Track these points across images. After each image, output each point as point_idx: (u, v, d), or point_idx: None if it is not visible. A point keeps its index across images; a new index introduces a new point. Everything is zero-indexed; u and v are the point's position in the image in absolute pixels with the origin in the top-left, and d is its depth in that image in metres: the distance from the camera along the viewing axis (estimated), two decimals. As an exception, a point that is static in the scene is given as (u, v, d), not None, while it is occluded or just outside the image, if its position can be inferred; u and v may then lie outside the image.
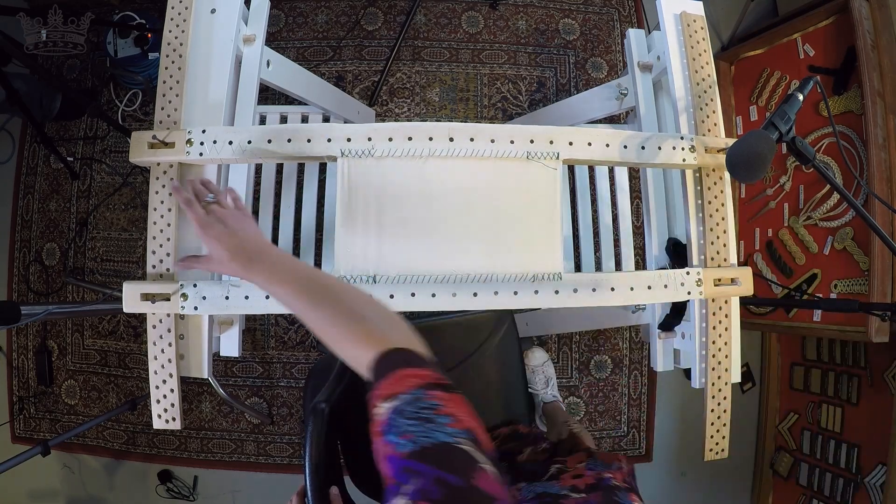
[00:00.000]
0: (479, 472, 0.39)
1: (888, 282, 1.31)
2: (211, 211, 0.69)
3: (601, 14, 1.93)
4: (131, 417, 1.76)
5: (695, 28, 0.97)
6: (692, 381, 0.91)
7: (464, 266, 0.82)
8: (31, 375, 1.81)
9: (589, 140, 0.86)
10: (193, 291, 0.80)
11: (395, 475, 0.40)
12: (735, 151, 0.77)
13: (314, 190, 1.41)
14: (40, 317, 1.00)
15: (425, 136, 0.83)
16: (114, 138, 1.84)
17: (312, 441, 0.77)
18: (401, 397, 0.44)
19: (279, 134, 0.82)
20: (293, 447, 1.76)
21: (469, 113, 1.86)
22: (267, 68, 1.07)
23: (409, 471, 0.39)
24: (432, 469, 0.39)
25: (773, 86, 1.69)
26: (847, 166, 1.20)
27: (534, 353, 1.73)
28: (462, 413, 0.45)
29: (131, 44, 1.69)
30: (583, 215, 1.42)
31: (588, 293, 0.83)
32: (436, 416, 0.43)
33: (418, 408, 0.43)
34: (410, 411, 0.43)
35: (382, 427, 0.44)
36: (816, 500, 1.66)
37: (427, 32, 1.88)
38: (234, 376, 1.77)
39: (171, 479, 1.76)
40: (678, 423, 1.85)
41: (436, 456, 0.40)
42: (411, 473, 0.39)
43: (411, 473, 0.39)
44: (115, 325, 1.80)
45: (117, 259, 1.81)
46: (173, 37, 0.88)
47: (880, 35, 1.37)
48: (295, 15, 1.88)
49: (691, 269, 0.88)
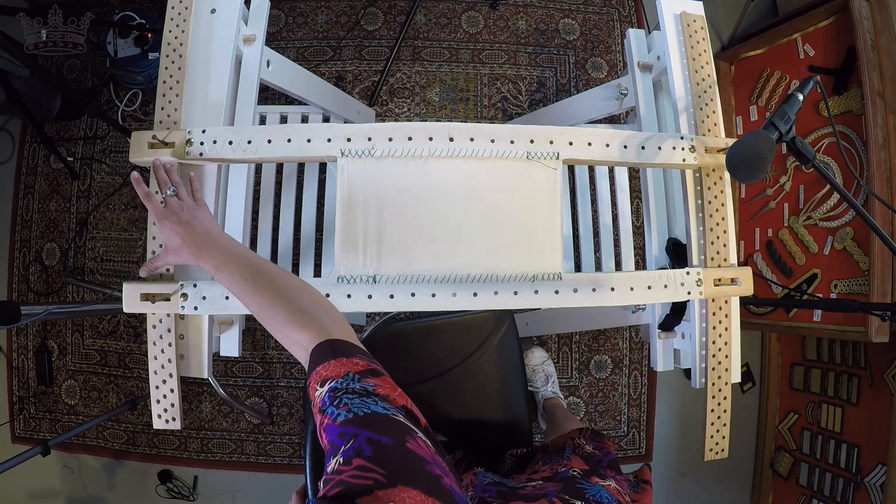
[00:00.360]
0: (410, 437, 0.42)
1: (888, 282, 1.31)
2: (168, 204, 0.74)
3: (601, 14, 1.93)
4: (131, 417, 1.76)
5: (695, 28, 0.97)
6: (692, 381, 0.91)
7: (464, 266, 0.82)
8: (31, 375, 1.81)
9: (589, 140, 0.86)
10: (193, 291, 0.80)
11: (332, 440, 0.42)
12: (735, 151, 0.76)
13: (314, 190, 1.41)
14: (40, 317, 1.00)
15: (425, 136, 0.83)
16: (114, 138, 1.84)
17: (312, 441, 0.77)
18: (338, 380, 0.48)
19: (279, 134, 0.82)
20: (293, 447, 1.76)
21: (469, 113, 1.86)
22: (267, 68, 1.07)
23: (344, 435, 0.41)
24: (366, 431, 0.41)
25: (773, 86, 1.69)
26: (847, 166, 1.20)
27: (534, 352, 1.73)
28: (395, 394, 0.48)
29: (131, 44, 1.69)
30: (583, 215, 1.42)
31: (588, 293, 0.83)
32: (372, 394, 0.46)
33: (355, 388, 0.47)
34: (347, 389, 0.47)
35: (321, 404, 0.46)
36: (816, 500, 1.66)
37: (427, 32, 1.88)
38: (234, 376, 1.77)
39: (171, 479, 1.76)
40: (678, 423, 1.85)
41: (370, 421, 0.43)
42: (347, 436, 0.41)
43: (347, 436, 0.41)
44: (115, 325, 1.80)
45: (117, 259, 1.81)
46: (173, 37, 0.88)
47: (880, 35, 1.37)
48: (295, 15, 1.88)
49: (691, 269, 0.88)
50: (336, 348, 0.52)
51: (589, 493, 0.69)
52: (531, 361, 1.70)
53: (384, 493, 0.35)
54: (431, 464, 0.40)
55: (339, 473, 0.38)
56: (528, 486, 0.72)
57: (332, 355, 0.51)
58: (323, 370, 0.49)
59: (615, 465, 0.84)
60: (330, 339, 0.54)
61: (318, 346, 0.53)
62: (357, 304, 0.81)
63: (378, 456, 0.39)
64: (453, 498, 0.38)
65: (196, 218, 0.73)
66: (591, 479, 0.74)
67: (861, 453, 1.54)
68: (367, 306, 0.81)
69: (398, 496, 0.35)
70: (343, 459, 0.39)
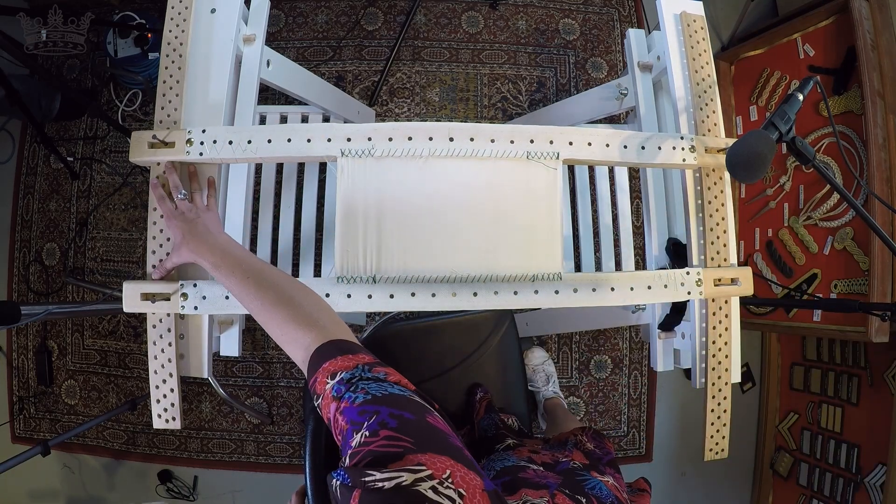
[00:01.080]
0: (430, 414, 0.43)
1: (888, 282, 1.31)
2: (179, 206, 0.79)
3: (601, 14, 1.93)
4: (131, 417, 1.76)
5: (695, 28, 0.97)
6: (692, 381, 0.91)
7: (464, 266, 0.82)
8: (31, 375, 1.81)
9: (589, 140, 0.86)
10: (193, 291, 0.80)
11: (352, 419, 0.43)
12: (735, 151, 0.76)
13: (314, 190, 1.41)
14: (40, 317, 1.00)
15: (425, 136, 0.83)
16: (114, 138, 1.84)
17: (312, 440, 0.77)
18: (349, 370, 0.49)
19: (279, 134, 0.82)
20: (293, 447, 1.76)
21: (469, 113, 1.86)
22: (267, 68, 1.07)
23: (365, 412, 0.42)
24: (387, 408, 0.42)
25: (773, 86, 1.69)
26: (847, 166, 1.20)
27: (534, 352, 1.73)
28: (405, 381, 0.49)
29: (131, 44, 1.69)
30: (583, 215, 1.42)
31: (588, 293, 0.83)
32: (385, 381, 0.48)
33: (367, 376, 0.48)
34: (361, 377, 0.48)
35: (335, 392, 0.47)
36: (816, 500, 1.66)
37: (427, 32, 1.88)
38: (234, 376, 1.77)
39: (171, 479, 1.76)
40: (678, 423, 1.85)
41: (390, 400, 0.44)
42: (368, 413, 0.42)
43: (368, 413, 0.42)
44: (115, 325, 1.80)
45: (117, 259, 1.81)
46: (173, 37, 0.88)
47: (880, 35, 1.37)
48: (295, 15, 1.88)
49: (691, 269, 0.88)
50: (341, 347, 0.53)
51: (588, 486, 0.69)
52: (531, 361, 1.70)
53: (415, 456, 0.37)
54: (453, 437, 0.42)
55: (366, 445, 0.38)
56: (530, 469, 0.72)
57: (339, 352, 0.52)
58: (331, 365, 0.50)
59: (614, 464, 0.84)
60: (334, 339, 0.55)
61: (323, 346, 0.54)
62: (357, 304, 0.81)
63: (403, 427, 0.40)
64: (476, 468, 0.39)
65: (200, 218, 0.77)
66: (591, 473, 0.74)
67: (861, 453, 1.54)
68: (367, 306, 0.81)
69: (429, 460, 0.37)
70: (369, 433, 0.40)
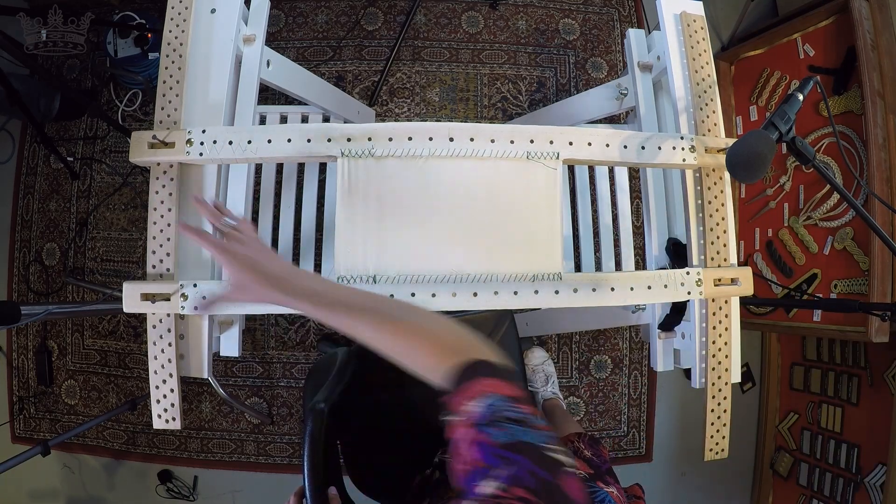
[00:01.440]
0: (564, 475, 0.41)
1: (888, 282, 1.31)
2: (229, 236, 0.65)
3: (601, 14, 1.93)
4: (131, 417, 1.76)
5: (695, 28, 0.97)
6: (692, 381, 0.91)
7: (464, 266, 0.82)
8: (31, 375, 1.81)
9: (589, 140, 0.86)
10: (193, 291, 0.80)
11: (486, 459, 0.41)
12: (735, 151, 0.76)
13: (314, 190, 1.41)
14: (40, 317, 1.00)
15: (425, 136, 0.83)
16: (114, 138, 1.84)
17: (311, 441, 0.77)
18: (494, 397, 0.46)
19: (279, 134, 0.82)
20: (293, 447, 1.76)
21: (469, 113, 1.86)
22: (267, 68, 1.07)
23: (502, 458, 0.41)
24: (526, 461, 0.40)
25: (773, 86, 1.69)
26: (847, 166, 1.20)
27: (533, 352, 1.73)
28: (547, 427, 0.47)
29: (131, 44, 1.69)
30: (583, 215, 1.42)
31: (588, 293, 0.83)
32: (528, 422, 0.45)
33: (511, 411, 0.45)
34: (505, 410, 0.45)
35: (477, 418, 0.45)
36: (816, 500, 1.66)
37: (427, 32, 1.88)
38: (234, 376, 1.77)
39: (171, 479, 1.76)
40: (678, 423, 1.85)
41: (529, 451, 0.42)
42: (504, 460, 0.40)
43: (504, 460, 0.40)
44: (115, 325, 1.80)
45: (117, 259, 1.81)
46: (173, 37, 0.88)
47: (880, 35, 1.37)
48: (295, 15, 1.88)
49: (691, 269, 0.88)
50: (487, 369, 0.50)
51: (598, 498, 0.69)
52: (531, 361, 1.70)
53: None
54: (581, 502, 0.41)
55: (496, 498, 0.38)
56: None
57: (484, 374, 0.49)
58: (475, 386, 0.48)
59: (612, 473, 0.84)
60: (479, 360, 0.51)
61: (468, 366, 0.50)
62: (357, 304, 0.81)
63: (539, 490, 0.38)
64: None
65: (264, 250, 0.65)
66: (597, 483, 0.74)
67: (861, 453, 1.54)
68: (367, 306, 0.81)
69: None
70: (505, 485, 0.38)
